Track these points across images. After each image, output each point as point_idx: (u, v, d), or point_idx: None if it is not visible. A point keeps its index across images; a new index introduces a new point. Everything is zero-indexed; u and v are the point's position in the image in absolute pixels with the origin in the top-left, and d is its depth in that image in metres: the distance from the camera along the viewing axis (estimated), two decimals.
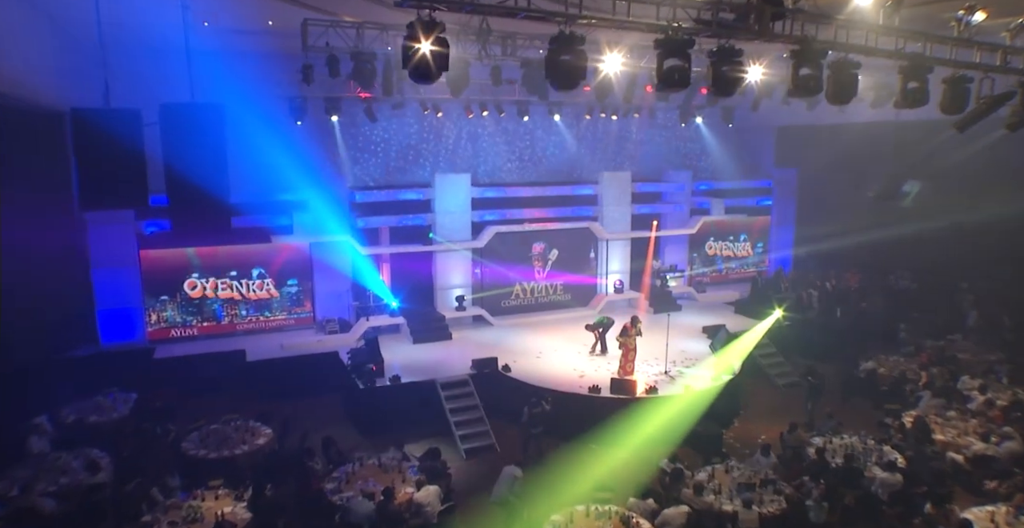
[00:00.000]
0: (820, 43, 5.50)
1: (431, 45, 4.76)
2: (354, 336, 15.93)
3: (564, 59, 5.09)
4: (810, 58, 5.46)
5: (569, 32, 5.02)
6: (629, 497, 9.61)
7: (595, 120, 18.28)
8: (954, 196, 19.27)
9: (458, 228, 17.16)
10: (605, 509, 9.21)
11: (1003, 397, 12.64)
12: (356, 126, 16.58)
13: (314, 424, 12.50)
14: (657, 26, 5.01)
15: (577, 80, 5.32)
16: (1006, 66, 6.59)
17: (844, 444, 10.99)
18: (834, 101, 5.81)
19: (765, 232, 22.68)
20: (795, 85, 5.66)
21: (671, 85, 5.35)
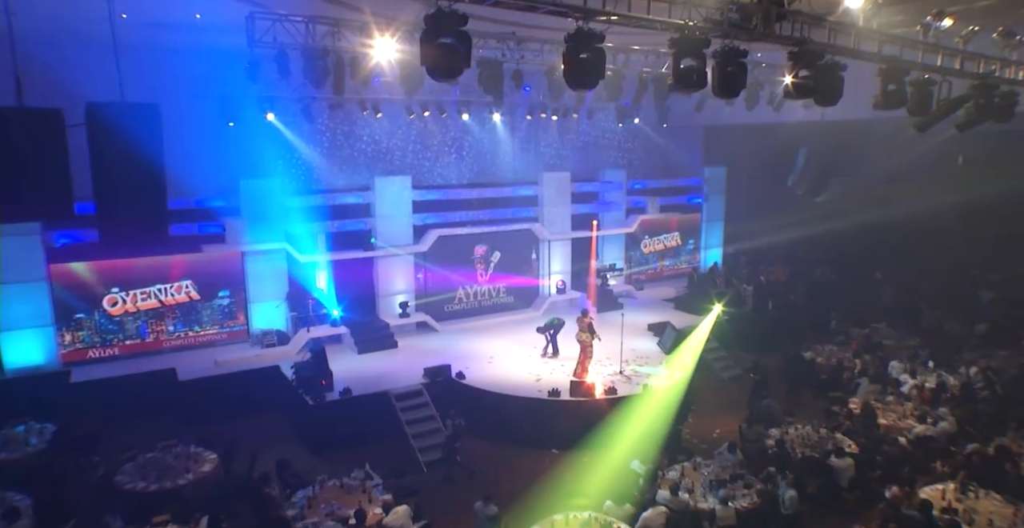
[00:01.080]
0: (817, 45, 5.58)
1: (453, 40, 4.41)
2: (294, 348, 15.12)
3: (583, 57, 4.86)
4: (808, 60, 5.52)
5: (588, 29, 4.80)
6: (604, 502, 9.52)
7: (535, 121, 18.18)
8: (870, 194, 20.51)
9: (400, 232, 16.62)
10: (583, 516, 9.07)
11: (930, 380, 13.45)
12: (293, 127, 15.71)
13: (261, 445, 11.71)
14: (672, 25, 4.89)
15: (596, 78, 5.10)
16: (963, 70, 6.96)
17: (800, 434, 11.34)
18: (823, 103, 5.89)
19: (696, 229, 23.33)
20: (794, 87, 5.71)
21: (688, 85, 5.25)
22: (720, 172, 23.06)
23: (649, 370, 14.11)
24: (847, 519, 9.60)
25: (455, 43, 4.35)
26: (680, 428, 12.76)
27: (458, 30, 4.32)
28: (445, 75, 4.67)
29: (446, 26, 4.30)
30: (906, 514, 8.79)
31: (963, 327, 17.03)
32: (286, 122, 15.07)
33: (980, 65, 7.24)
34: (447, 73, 4.64)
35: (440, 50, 4.40)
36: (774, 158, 23.64)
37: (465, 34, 4.39)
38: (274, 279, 15.67)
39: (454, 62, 4.50)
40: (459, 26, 4.31)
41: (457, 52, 4.42)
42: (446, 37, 4.31)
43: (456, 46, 4.37)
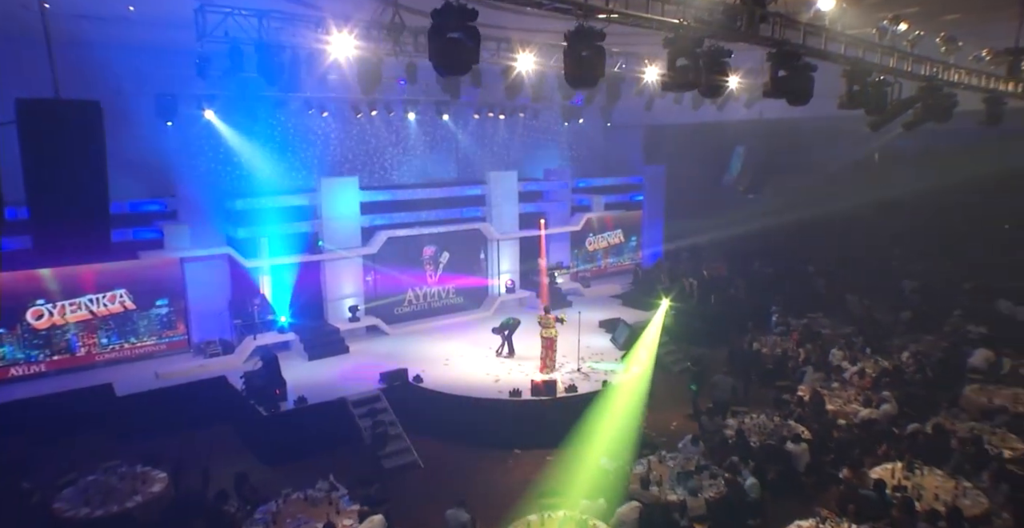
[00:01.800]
0: (794, 46, 5.77)
1: (461, 34, 4.27)
2: (240, 357, 14.50)
3: (584, 55, 4.83)
4: (786, 61, 5.70)
5: (588, 26, 4.77)
6: (578, 500, 9.55)
7: (483, 120, 18.09)
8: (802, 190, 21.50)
9: (348, 234, 16.19)
10: (559, 515, 9.09)
11: (869, 366, 14.19)
12: (234, 126, 15.01)
13: (213, 461, 11.14)
14: (667, 24, 4.93)
15: (596, 77, 5.08)
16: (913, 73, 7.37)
17: (756, 423, 11.74)
18: (795, 103, 6.11)
19: (638, 226, 23.80)
20: (773, 87, 5.89)
21: (683, 85, 5.30)
22: (660, 170, 23.63)
23: (606, 366, 14.29)
24: (806, 502, 9.98)
25: (463, 38, 4.25)
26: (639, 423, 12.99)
27: (467, 25, 4.21)
28: (454, 71, 4.56)
29: (455, 21, 4.18)
30: (863, 494, 9.24)
31: (890, 315, 18.05)
32: (228, 121, 14.40)
33: (926, 68, 7.69)
34: (456, 69, 4.53)
35: (449, 45, 4.28)
36: (711, 157, 24.45)
37: (474, 29, 4.29)
38: (216, 286, 14.98)
39: (463, 57, 4.39)
40: (468, 21, 4.20)
41: (466, 47, 4.31)
42: (454, 32, 4.20)
43: (465, 41, 4.26)
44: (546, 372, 13.79)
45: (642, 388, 13.33)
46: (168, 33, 9.86)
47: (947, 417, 11.73)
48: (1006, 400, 12.47)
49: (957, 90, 8.33)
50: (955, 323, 16.73)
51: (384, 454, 11.95)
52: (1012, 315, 17.09)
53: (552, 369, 13.83)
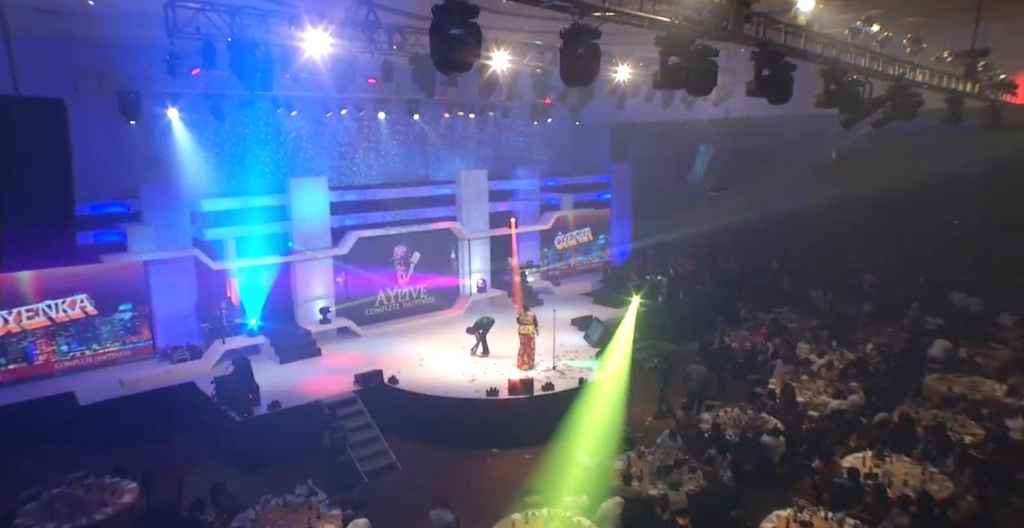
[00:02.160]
0: (778, 46, 5.89)
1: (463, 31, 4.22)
2: (209, 362, 14.17)
3: (580, 53, 4.83)
4: (770, 60, 5.81)
5: (584, 24, 4.77)
6: (560, 497, 9.60)
7: (453, 119, 18.00)
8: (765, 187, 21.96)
9: (317, 235, 15.94)
10: (542, 513, 9.10)
11: (835, 358, 14.58)
12: (200, 125, 14.64)
13: (184, 469, 10.84)
14: (659, 23, 4.97)
15: (592, 75, 5.09)
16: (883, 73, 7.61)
17: (730, 417, 11.96)
18: (775, 102, 6.24)
19: (605, 225, 24.01)
20: (757, 86, 5.99)
21: (675, 83, 5.35)
22: (627, 169, 23.88)
23: (582, 364, 14.38)
24: (782, 493, 10.19)
25: (465, 35, 4.21)
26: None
27: (468, 22, 4.17)
28: (455, 68, 4.51)
29: (456, 17, 4.14)
30: (837, 483, 9.50)
31: (853, 308, 18.58)
32: (193, 120, 14.03)
33: (895, 68, 7.94)
34: (457, 66, 4.48)
35: (450, 42, 4.23)
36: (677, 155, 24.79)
37: (475, 26, 4.25)
38: (182, 289, 14.58)
39: (464, 54, 4.35)
40: (470, 17, 4.16)
41: (467, 44, 4.27)
42: (456, 29, 4.15)
43: (466, 38, 4.23)
44: (524, 369, 13.86)
45: (619, 385, 13.43)
46: (133, 29, 9.53)
47: (912, 406, 12.13)
48: (964, 388, 12.96)
49: (922, 90, 8.63)
50: (914, 315, 17.30)
51: (361, 458, 11.81)
52: (965, 306, 17.76)
53: (530, 366, 13.90)
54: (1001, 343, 15.42)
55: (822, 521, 8.57)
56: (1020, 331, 15.99)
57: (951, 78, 9.24)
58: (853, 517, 8.62)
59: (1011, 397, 12.39)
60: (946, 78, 9.09)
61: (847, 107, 7.20)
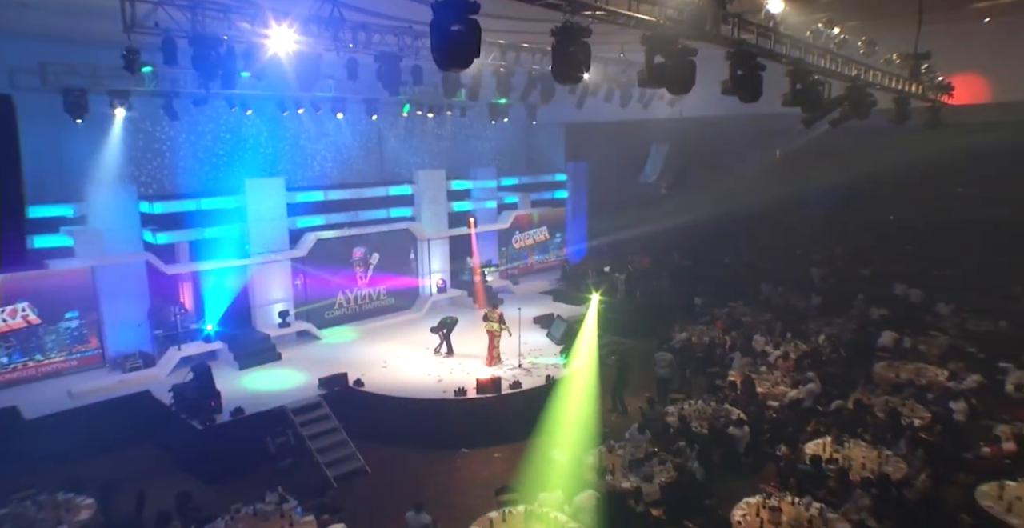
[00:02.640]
0: (751, 46, 6.07)
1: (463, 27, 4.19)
2: (163, 370, 13.70)
3: (571, 51, 4.87)
4: (744, 60, 5.99)
5: (575, 22, 4.81)
6: (535, 493, 9.66)
7: (411, 118, 17.85)
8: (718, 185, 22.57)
9: (275, 237, 15.56)
10: (519, 510, 9.14)
11: (790, 349, 15.11)
12: (152, 125, 14.10)
13: (142, 482, 10.40)
14: (646, 22, 5.06)
15: (583, 72, 5.14)
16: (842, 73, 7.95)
17: (695, 409, 12.26)
18: (746, 100, 6.43)
19: (562, 223, 24.23)
20: (732, 84, 6.16)
21: (659, 81, 5.45)
22: (582, 168, 24.15)
23: (547, 361, 14.50)
24: (748, 480, 10.52)
25: (465, 31, 4.19)
26: None
27: (468, 18, 4.16)
28: (456, 64, 4.48)
29: (456, 13, 4.12)
30: (801, 468, 9.86)
31: (803, 301, 19.28)
32: (145, 119, 13.50)
33: (852, 69, 8.30)
34: (458, 62, 4.45)
35: (451, 39, 4.20)
36: (631, 154, 25.22)
37: (475, 22, 4.23)
38: (133, 295, 14.02)
39: (465, 51, 4.33)
40: (470, 14, 4.15)
41: (469, 40, 4.25)
42: (456, 24, 4.13)
43: (466, 34, 4.21)
44: (493, 364, 13.94)
45: (589, 380, 13.57)
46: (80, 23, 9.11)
47: (864, 392, 12.68)
48: (910, 374, 13.63)
49: (874, 90, 9.04)
50: (860, 306, 18.07)
51: (328, 462, 11.62)
52: (906, 297, 18.66)
53: (498, 361, 14.04)
54: (940, 331, 16.26)
55: (789, 506, 8.88)
56: (956, 319, 16.90)
57: (898, 79, 9.71)
58: (818, 501, 8.96)
59: (952, 381, 13.09)
60: (894, 79, 9.56)
61: (810, 106, 7.49)
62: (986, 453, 10.30)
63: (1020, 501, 8.84)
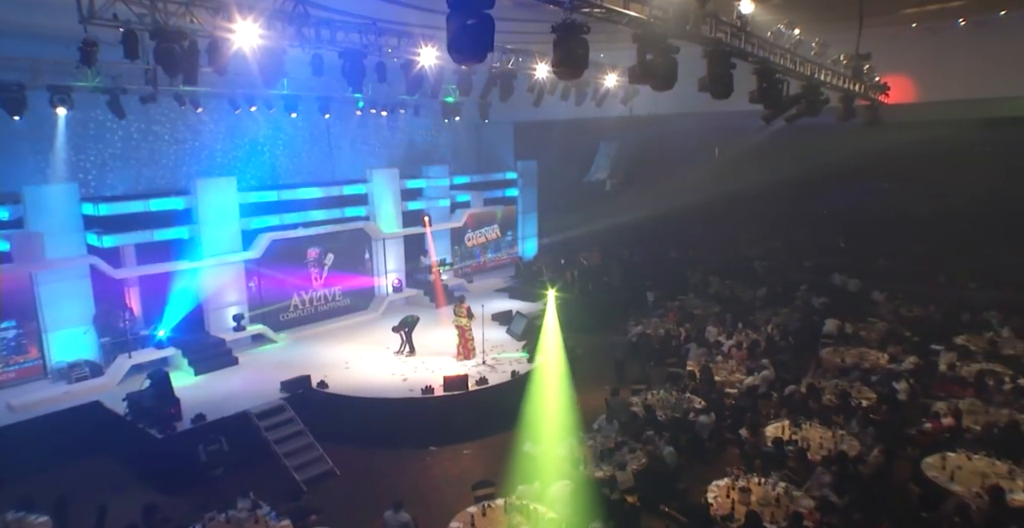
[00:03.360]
0: (727, 45, 6.34)
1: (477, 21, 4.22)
2: (113, 379, 13.12)
3: (572, 47, 4.96)
4: (720, 59, 6.25)
5: (575, 19, 4.91)
6: (511, 486, 9.77)
7: (365, 116, 17.63)
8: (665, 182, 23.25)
9: (228, 239, 15.11)
10: (498, 504, 9.23)
11: (742, 339, 15.72)
12: (96, 122, 13.46)
13: (100, 496, 9.95)
14: (638, 21, 5.22)
15: (583, 68, 5.24)
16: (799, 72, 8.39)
17: (659, 399, 12.62)
18: (718, 97, 6.72)
19: (513, 221, 24.41)
20: (711, 82, 6.42)
21: (649, 77, 5.62)
22: (532, 166, 24.38)
23: (510, 356, 14.63)
24: (714, 464, 10.93)
25: (479, 25, 4.23)
26: None
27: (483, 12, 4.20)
28: (471, 58, 4.51)
29: (471, 8, 4.16)
30: (765, 451, 10.32)
31: (749, 292, 20.07)
32: (89, 117, 12.87)
33: (808, 68, 8.75)
34: (473, 55, 4.48)
35: (467, 32, 4.24)
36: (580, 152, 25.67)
37: (489, 16, 4.28)
38: (77, 301, 13.36)
39: (481, 44, 4.37)
40: (485, 8, 4.19)
41: (483, 34, 4.30)
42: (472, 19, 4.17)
43: (481, 28, 4.25)
44: (470, 357, 14.26)
45: (560, 373, 13.76)
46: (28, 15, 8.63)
47: (814, 377, 13.34)
48: (854, 358, 14.42)
49: (825, 88, 9.55)
50: (803, 296, 18.97)
51: (297, 466, 11.41)
52: (844, 286, 19.69)
53: (470, 356, 14.28)
54: (877, 317, 17.26)
55: (757, 486, 9.29)
56: (891, 306, 17.95)
57: (844, 79, 10.29)
58: (783, 480, 9.40)
59: (893, 363, 13.93)
60: (842, 78, 10.12)
61: (772, 103, 7.87)
62: (928, 428, 11.02)
63: (961, 470, 9.52)
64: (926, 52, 15.06)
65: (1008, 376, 12.97)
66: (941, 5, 13.40)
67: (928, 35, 15.02)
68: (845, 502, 9.03)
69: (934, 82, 15.30)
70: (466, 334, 14.29)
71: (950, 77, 14.93)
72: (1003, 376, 12.97)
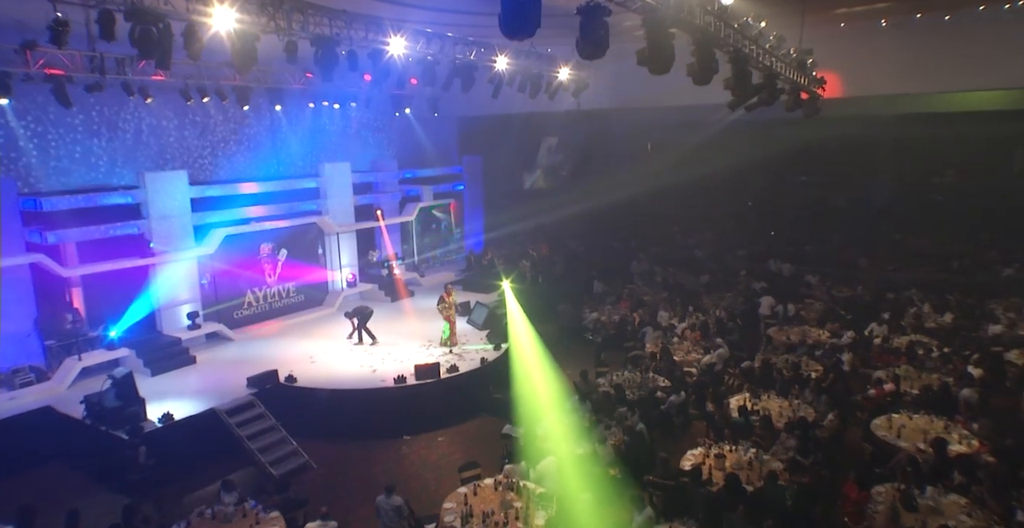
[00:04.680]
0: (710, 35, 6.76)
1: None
2: (63, 383, 12.49)
3: (595, 29, 5.21)
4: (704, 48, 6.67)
5: (598, 2, 5.16)
6: (497, 467, 10.02)
7: (318, 109, 17.34)
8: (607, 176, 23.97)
9: (179, 234, 14.59)
10: (487, 483, 9.44)
11: (694, 321, 16.49)
12: (38, 113, 12.71)
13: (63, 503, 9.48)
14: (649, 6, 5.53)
15: (605, 49, 5.50)
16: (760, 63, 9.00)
17: (625, 379, 13.13)
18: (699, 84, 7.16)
19: (460, 216, 24.55)
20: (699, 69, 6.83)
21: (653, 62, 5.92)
22: (477, 161, 24.58)
23: (476, 346, 14.82)
24: (685, 437, 11.52)
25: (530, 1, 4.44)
26: None
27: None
28: (521, 32, 4.68)
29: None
30: (733, 421, 10.97)
31: (692, 279, 21.00)
32: (31, 106, 12.14)
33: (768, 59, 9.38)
34: (523, 30, 4.66)
35: (519, 8, 4.42)
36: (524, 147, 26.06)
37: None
38: (15, 303, 12.60)
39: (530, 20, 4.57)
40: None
41: (532, 10, 4.50)
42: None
43: (532, 4, 4.47)
44: (455, 343, 14.74)
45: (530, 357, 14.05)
46: None
47: (766, 353, 14.20)
48: (798, 336, 15.40)
49: (780, 80, 10.25)
50: (744, 281, 20.02)
51: (272, 461, 11.22)
52: (779, 271, 20.91)
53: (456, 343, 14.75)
54: (812, 298, 18.45)
55: (730, 453, 9.89)
56: (824, 288, 19.23)
57: (794, 71, 11.05)
58: (753, 446, 10.04)
59: (833, 338, 14.99)
60: (793, 71, 10.87)
61: (740, 92, 8.43)
62: (872, 394, 11.98)
63: (905, 428, 10.43)
64: (847, 51, 16.15)
65: (934, 345, 14.22)
66: (868, 7, 14.55)
67: (848, 33, 16.14)
68: (810, 462, 9.75)
69: (853, 79, 16.40)
70: (451, 321, 14.54)
71: (866, 75, 16.06)
72: (930, 345, 14.21)
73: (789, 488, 8.81)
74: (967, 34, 15.03)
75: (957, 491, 8.67)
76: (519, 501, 8.95)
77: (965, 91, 17.01)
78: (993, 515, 8.15)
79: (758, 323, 16.75)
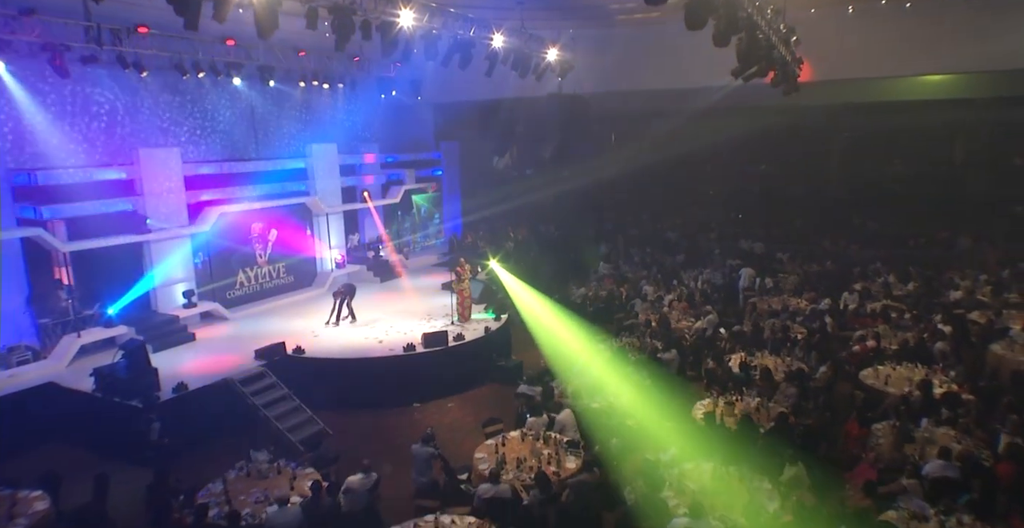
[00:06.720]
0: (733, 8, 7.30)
1: None
2: (61, 361, 12.26)
3: None
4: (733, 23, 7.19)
5: None
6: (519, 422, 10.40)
7: (308, 89, 17.29)
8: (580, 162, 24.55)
9: (173, 212, 14.43)
10: (514, 435, 9.79)
11: (680, 293, 17.18)
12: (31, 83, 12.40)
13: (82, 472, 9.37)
14: None
15: None
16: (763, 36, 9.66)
17: (626, 342, 13.66)
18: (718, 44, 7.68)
19: (440, 200, 24.77)
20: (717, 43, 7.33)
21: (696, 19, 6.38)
22: (454, 146, 24.82)
23: (478, 316, 15.15)
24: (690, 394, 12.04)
25: None
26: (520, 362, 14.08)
27: None
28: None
29: None
30: (735, 374, 11.62)
31: (669, 259, 21.77)
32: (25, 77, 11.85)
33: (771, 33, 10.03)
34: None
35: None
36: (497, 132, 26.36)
37: None
38: (8, 280, 12.29)
39: None
40: None
41: None
42: None
43: None
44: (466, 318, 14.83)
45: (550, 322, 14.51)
46: None
47: (751, 318, 14.96)
48: (779, 304, 16.24)
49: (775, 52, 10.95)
50: (718, 260, 20.89)
51: (290, 428, 11.31)
52: (751, 249, 21.88)
53: (466, 318, 14.81)
54: (785, 273, 19.41)
55: (738, 402, 10.51)
56: (795, 264, 20.23)
57: (785, 47, 11.77)
58: (757, 395, 10.70)
59: (812, 305, 15.88)
60: (784, 47, 11.58)
61: (748, 62, 9.04)
62: (856, 350, 12.82)
63: (891, 377, 11.27)
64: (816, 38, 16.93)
65: (904, 309, 15.24)
66: None
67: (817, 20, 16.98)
68: (811, 407, 10.45)
69: (819, 65, 17.16)
70: (464, 295, 14.71)
71: (833, 60, 16.91)
72: (900, 309, 15.23)
73: (797, 429, 9.47)
74: (927, 18, 16.07)
75: (946, 424, 9.48)
76: (548, 448, 9.35)
77: (921, 74, 18.18)
78: (980, 441, 9.00)
79: (738, 295, 17.56)
